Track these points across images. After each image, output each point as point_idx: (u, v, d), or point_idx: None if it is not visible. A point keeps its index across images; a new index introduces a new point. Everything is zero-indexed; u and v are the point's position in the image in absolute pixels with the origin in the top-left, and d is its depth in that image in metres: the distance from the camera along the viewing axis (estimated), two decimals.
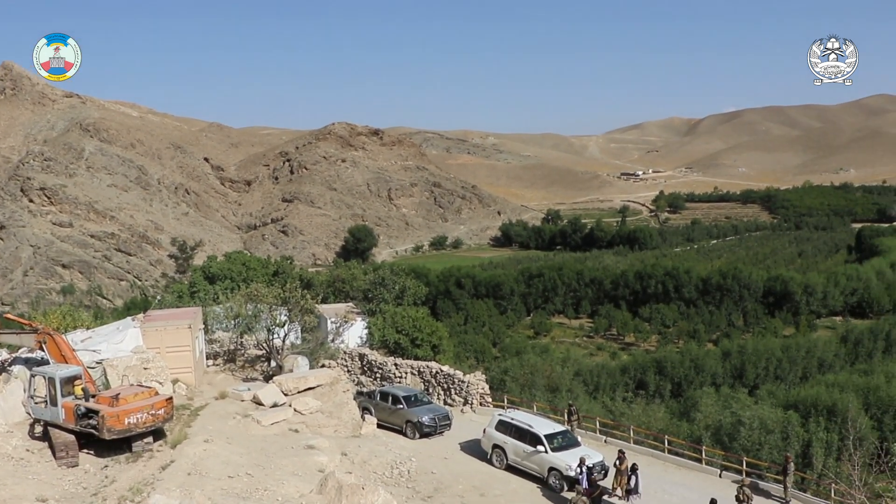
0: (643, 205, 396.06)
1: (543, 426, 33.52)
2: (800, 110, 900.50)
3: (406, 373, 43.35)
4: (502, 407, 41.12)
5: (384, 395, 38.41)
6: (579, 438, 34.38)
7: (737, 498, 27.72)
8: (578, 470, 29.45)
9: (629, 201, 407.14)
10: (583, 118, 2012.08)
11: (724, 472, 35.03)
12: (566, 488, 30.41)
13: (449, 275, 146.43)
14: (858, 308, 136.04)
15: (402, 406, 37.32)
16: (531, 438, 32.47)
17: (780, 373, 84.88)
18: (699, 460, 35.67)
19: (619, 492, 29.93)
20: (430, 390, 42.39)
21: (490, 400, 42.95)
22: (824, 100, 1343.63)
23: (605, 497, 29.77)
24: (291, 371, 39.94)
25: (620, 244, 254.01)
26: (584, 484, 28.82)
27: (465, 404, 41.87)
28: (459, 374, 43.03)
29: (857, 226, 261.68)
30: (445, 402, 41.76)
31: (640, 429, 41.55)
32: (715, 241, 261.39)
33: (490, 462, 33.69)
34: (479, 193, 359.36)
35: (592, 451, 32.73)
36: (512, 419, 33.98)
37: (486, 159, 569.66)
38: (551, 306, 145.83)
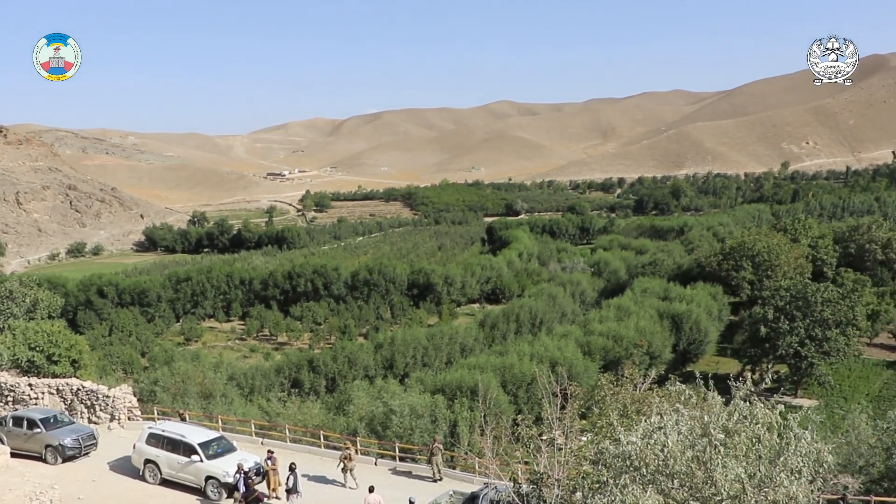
0: (290, 204, 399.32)
1: (197, 435, 32.22)
2: (436, 113, 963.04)
3: (43, 393, 39.38)
4: (153, 419, 39.01)
5: (17, 420, 34.50)
6: (235, 443, 33.56)
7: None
8: (236, 476, 28.75)
9: (276, 201, 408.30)
10: (227, 118, 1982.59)
11: (379, 459, 36.19)
12: (225, 496, 29.58)
13: (89, 284, 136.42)
14: (493, 295, 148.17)
15: (39, 430, 33.82)
16: (185, 448, 31.08)
17: (427, 360, 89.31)
18: (356, 451, 36.51)
19: (277, 493, 29.69)
20: (73, 409, 38.95)
21: (139, 413, 40.52)
22: (457, 104, 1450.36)
23: (266, 500, 29.37)
24: None
25: (269, 244, 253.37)
26: (242, 489, 28.22)
27: (112, 420, 39.04)
28: (104, 388, 40.01)
29: (489, 220, 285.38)
30: (90, 421, 38.63)
31: (296, 427, 41.63)
32: (361, 238, 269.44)
33: (143, 479, 31.77)
34: (120, 196, 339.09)
35: (249, 454, 32.16)
36: (163, 431, 32.25)
37: (126, 160, 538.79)
38: (201, 311, 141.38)
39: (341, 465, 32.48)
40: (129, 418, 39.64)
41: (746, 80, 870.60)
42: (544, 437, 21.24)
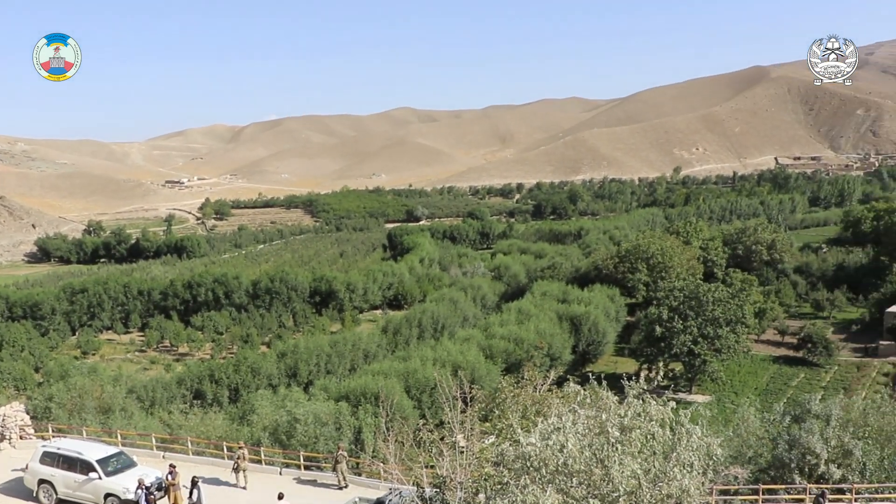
0: (190, 213, 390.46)
1: (95, 451, 31.24)
2: (336, 120, 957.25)
3: None
4: (48, 437, 37.61)
5: None
6: (135, 458, 32.73)
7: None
8: (137, 492, 28.07)
9: (175, 209, 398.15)
10: (123, 124, 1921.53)
11: (284, 468, 35.89)
12: None
13: None
14: (395, 301, 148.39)
15: None
16: (82, 466, 30.06)
17: (331, 367, 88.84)
18: (260, 461, 36.12)
19: None
20: None
21: (32, 432, 39.00)
22: (357, 111, 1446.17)
23: None
24: None
25: (168, 254, 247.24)
26: None
27: (2, 441, 37.48)
28: None
29: (390, 226, 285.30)
30: None
31: (198, 439, 40.87)
32: (262, 246, 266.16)
33: (37, 500, 30.62)
34: (10, 205, 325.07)
35: (150, 469, 31.39)
36: (58, 449, 31.07)
37: (15, 167, 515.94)
38: (98, 323, 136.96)
39: (235, 465, 32.30)
40: (21, 437, 38.10)
41: (639, 89, 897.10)
42: (446, 441, 21.50)
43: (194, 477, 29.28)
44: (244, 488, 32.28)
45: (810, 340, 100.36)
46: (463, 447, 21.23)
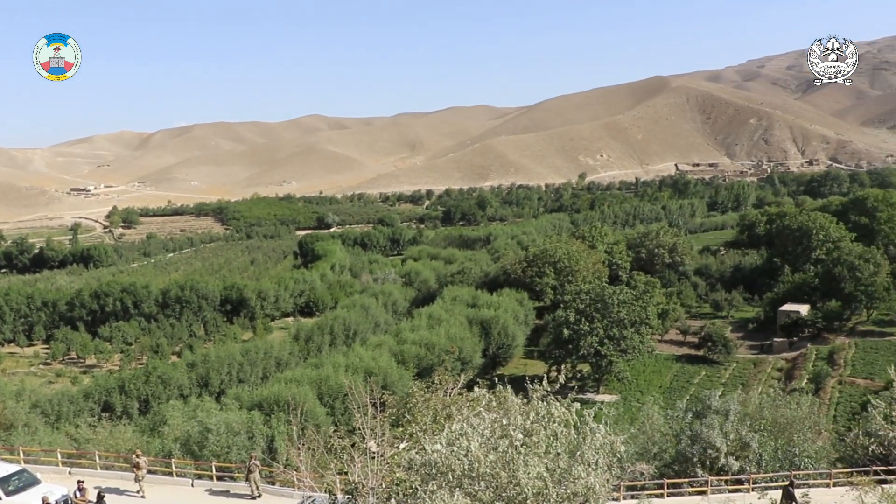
0: (96, 221, 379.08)
1: None
2: (246, 126, 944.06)
3: None
4: None
5: None
6: (39, 475, 31.97)
7: None
8: None
9: (81, 218, 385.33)
10: (25, 129, 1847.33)
11: (196, 480, 35.60)
12: None
13: None
14: (307, 308, 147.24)
15: None
16: None
17: (243, 376, 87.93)
18: (171, 473, 35.74)
19: None
20: None
21: None
22: (267, 117, 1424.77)
23: None
24: None
25: (74, 263, 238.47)
26: None
27: None
28: None
29: (301, 233, 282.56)
30: None
31: (107, 453, 40.11)
32: (172, 255, 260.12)
33: None
34: None
35: (56, 486, 30.76)
36: None
37: None
38: (0, 336, 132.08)
39: (133, 474, 32.02)
40: None
41: (545, 97, 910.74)
42: (357, 447, 21.86)
43: (99, 491, 28.89)
44: (143, 497, 32.03)
45: (710, 339, 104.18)
46: (374, 453, 21.63)
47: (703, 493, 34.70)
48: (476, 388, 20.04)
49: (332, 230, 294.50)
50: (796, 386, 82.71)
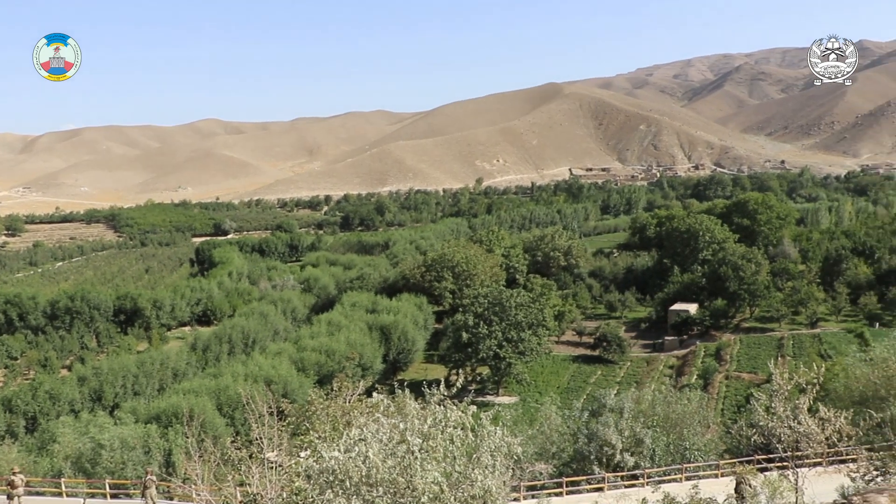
0: None
1: None
2: (139, 130, 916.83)
3: None
4: None
5: None
6: None
7: None
8: None
9: None
10: None
11: (89, 499, 34.67)
12: None
13: None
14: (204, 317, 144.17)
15: None
16: None
17: (139, 388, 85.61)
18: (60, 493, 34.70)
19: None
20: None
21: None
22: (161, 121, 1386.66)
23: None
24: None
25: None
26: None
27: None
28: None
29: (198, 240, 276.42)
30: None
31: None
32: (61, 264, 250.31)
33: None
34: None
35: None
36: None
37: None
38: None
39: (7, 493, 31.03)
40: None
41: (442, 103, 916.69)
42: (255, 458, 21.79)
43: None
44: None
45: (605, 339, 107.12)
46: (273, 463, 21.61)
47: (600, 489, 35.85)
48: (374, 394, 20.24)
49: (229, 237, 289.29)
50: (686, 382, 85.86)
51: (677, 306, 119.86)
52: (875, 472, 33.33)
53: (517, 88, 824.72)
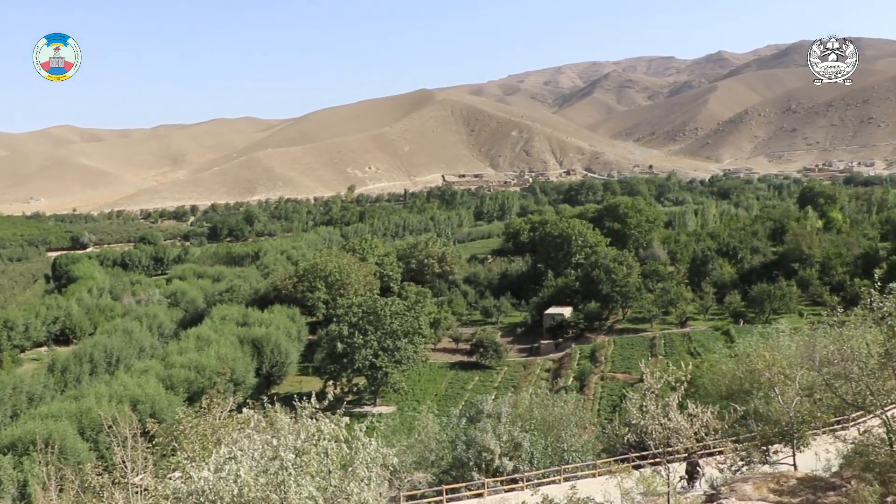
0: None
1: None
2: None
3: None
4: None
5: None
6: None
7: None
8: None
9: None
10: None
11: None
12: None
13: None
14: (63, 336, 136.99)
15: None
16: None
17: None
18: None
19: None
20: None
21: None
22: (9, 128, 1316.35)
23: None
24: None
25: None
26: None
27: None
28: None
29: (53, 254, 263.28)
30: None
31: None
32: None
33: None
34: None
35: None
36: None
37: None
38: None
39: None
40: None
41: (312, 109, 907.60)
42: (117, 483, 20.47)
43: None
44: None
45: (482, 345, 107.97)
46: (138, 487, 20.32)
47: (479, 495, 35.74)
48: (245, 410, 19.30)
49: (88, 250, 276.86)
50: (563, 384, 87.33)
51: (552, 310, 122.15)
52: (741, 462, 34.69)
53: (388, 95, 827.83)
